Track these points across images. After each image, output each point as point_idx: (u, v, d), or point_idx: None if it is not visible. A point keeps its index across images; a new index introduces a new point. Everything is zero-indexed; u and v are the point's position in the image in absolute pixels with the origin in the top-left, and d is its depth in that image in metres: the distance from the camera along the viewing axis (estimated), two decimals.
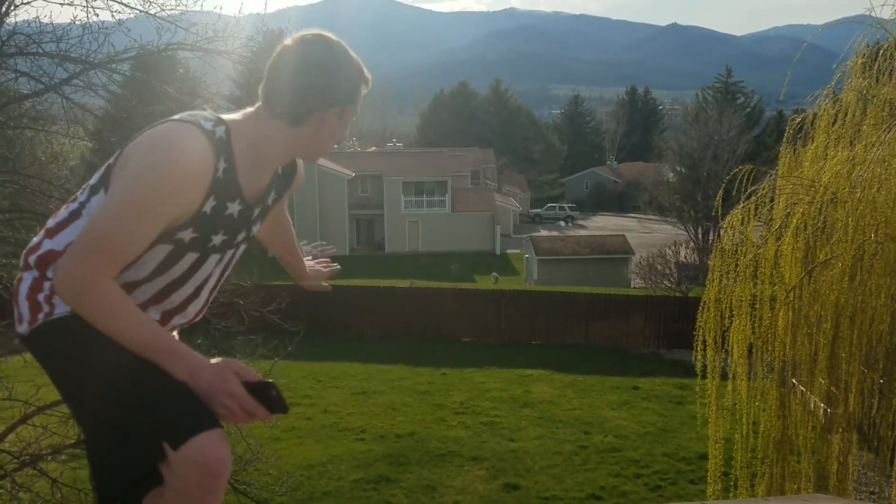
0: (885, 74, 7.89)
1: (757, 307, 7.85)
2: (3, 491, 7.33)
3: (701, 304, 8.37)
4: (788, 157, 8.75)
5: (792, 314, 7.57)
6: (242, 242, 1.76)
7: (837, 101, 8.38)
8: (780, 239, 7.92)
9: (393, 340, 23.18)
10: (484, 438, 15.37)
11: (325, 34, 1.62)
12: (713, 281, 8.23)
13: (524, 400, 17.81)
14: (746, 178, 8.47)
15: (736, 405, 8.00)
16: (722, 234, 8.52)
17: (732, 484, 8.33)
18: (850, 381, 7.17)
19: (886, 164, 6.98)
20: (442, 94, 78.57)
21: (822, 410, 7.81)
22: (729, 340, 8.01)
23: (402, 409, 17.20)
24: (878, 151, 7.01)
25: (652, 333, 23.08)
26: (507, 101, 77.85)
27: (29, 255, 1.61)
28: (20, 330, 1.58)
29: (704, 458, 9.42)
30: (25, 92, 7.75)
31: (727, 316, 7.99)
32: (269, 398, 1.50)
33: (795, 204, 7.89)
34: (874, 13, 8.05)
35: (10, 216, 7.98)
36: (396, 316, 23.88)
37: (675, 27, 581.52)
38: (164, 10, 7.27)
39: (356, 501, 12.73)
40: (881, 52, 7.93)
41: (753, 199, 8.19)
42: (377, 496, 12.86)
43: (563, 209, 62.03)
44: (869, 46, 8.18)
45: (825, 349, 7.27)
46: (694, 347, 8.41)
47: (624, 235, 38.76)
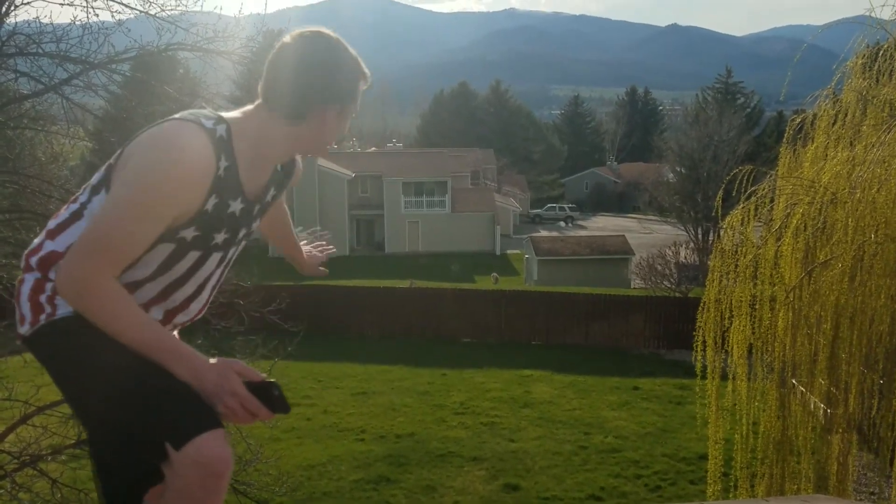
0: (885, 75, 7.89)
1: (757, 308, 7.85)
2: (3, 491, 7.32)
3: (701, 304, 8.37)
4: (788, 157, 8.74)
5: (792, 315, 7.56)
6: (243, 239, 1.75)
7: (837, 101, 8.37)
8: (779, 239, 7.91)
9: (393, 341, 23.16)
10: (484, 439, 15.37)
11: (324, 31, 1.62)
12: (713, 281, 8.23)
13: (524, 400, 17.81)
14: (746, 178, 8.46)
15: (736, 406, 8.00)
16: (722, 234, 8.52)
17: (732, 484, 8.32)
18: (849, 381, 7.16)
19: (886, 164, 6.98)
20: (442, 94, 78.55)
21: (821, 411, 7.80)
22: (729, 341, 8.00)
23: (402, 409, 17.20)
24: (877, 152, 7.01)
25: (652, 334, 23.09)
26: (507, 101, 77.84)
27: (30, 256, 1.61)
28: (22, 331, 1.58)
29: (704, 458, 9.42)
30: (25, 92, 7.76)
31: (727, 316, 7.98)
32: (270, 398, 1.49)
33: (795, 204, 7.89)
34: (874, 14, 8.06)
35: (10, 216, 7.98)
36: (396, 316, 23.87)
37: (674, 28, 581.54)
38: (164, 10, 7.29)
39: (356, 502, 12.73)
40: (881, 52, 7.93)
41: (753, 199, 8.18)
42: (377, 496, 12.86)
43: (563, 210, 61.96)
44: (869, 47, 8.18)
45: (825, 350, 7.26)
46: (694, 348, 8.41)
47: (624, 236, 38.72)
